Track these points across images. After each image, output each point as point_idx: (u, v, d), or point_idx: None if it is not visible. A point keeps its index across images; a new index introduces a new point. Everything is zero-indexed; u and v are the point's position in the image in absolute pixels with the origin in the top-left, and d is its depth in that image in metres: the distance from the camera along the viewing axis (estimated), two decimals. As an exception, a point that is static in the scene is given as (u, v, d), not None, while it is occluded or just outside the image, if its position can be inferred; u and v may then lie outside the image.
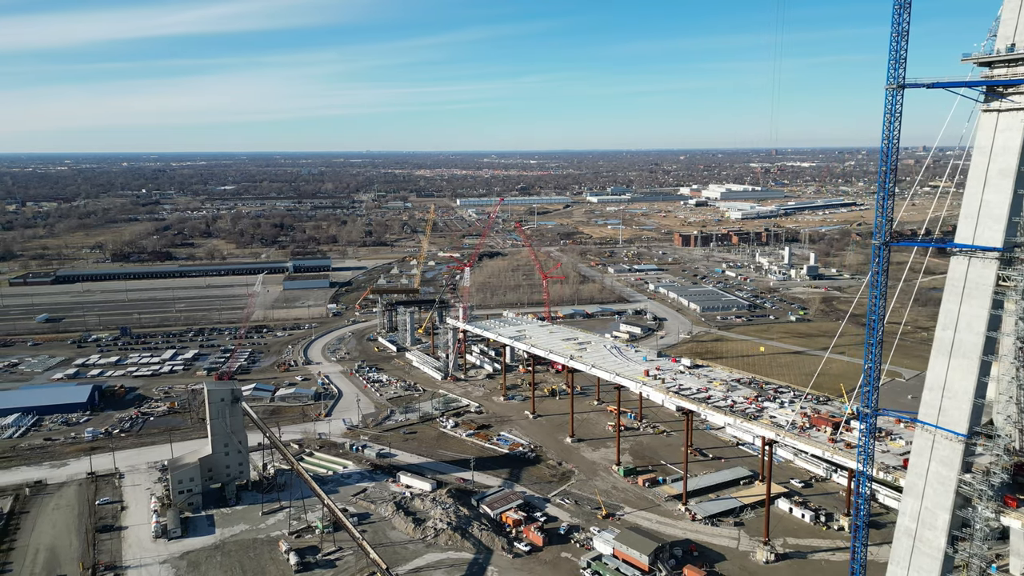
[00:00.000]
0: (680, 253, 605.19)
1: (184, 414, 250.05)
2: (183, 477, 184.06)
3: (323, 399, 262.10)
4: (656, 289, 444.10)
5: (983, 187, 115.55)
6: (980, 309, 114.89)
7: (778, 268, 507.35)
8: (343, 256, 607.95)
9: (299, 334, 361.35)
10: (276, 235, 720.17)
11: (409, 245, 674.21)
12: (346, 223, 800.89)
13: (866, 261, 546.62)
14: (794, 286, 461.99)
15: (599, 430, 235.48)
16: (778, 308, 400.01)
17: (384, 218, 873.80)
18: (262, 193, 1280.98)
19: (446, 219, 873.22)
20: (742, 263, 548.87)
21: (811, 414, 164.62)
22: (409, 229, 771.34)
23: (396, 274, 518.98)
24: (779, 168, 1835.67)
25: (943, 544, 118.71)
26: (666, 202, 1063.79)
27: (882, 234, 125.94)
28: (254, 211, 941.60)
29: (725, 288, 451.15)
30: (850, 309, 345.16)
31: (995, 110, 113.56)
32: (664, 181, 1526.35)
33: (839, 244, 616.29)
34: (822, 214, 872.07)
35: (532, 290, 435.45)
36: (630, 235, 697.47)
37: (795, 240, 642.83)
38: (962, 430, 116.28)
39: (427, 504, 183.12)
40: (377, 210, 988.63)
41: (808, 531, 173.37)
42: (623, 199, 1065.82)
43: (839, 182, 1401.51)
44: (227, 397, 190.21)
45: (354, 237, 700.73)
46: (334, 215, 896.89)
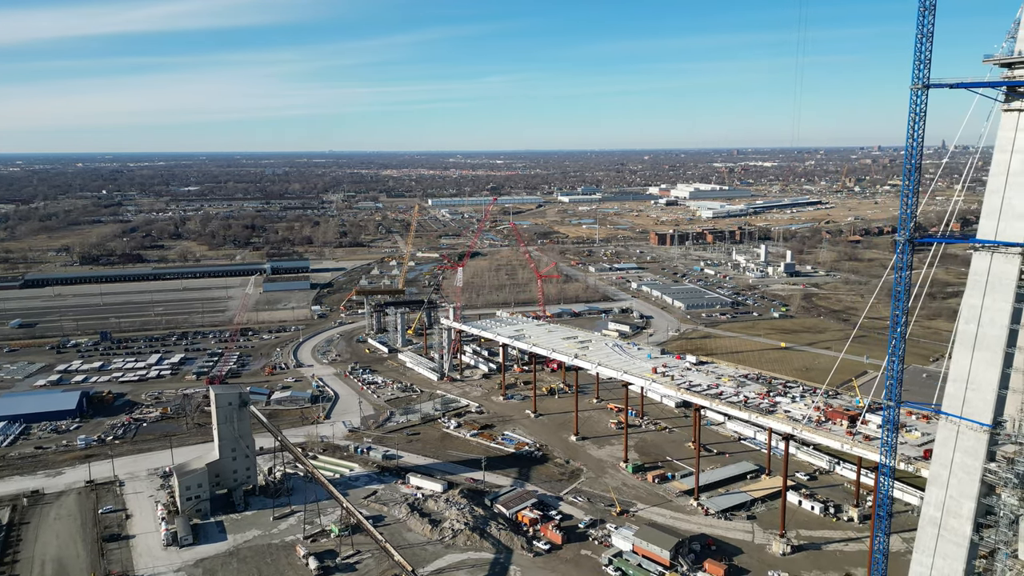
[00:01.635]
0: (657, 252, 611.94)
1: (179, 419, 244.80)
2: (191, 483, 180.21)
3: (320, 402, 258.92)
4: (639, 287, 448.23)
5: (1005, 185, 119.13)
6: (1004, 303, 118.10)
7: (755, 266, 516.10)
8: (320, 257, 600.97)
9: (286, 336, 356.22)
10: (248, 236, 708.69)
11: (386, 246, 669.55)
12: (319, 224, 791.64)
13: (839, 258, 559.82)
14: (772, 283, 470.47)
15: (602, 428, 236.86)
16: (760, 305, 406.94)
17: (357, 218, 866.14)
18: (228, 194, 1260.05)
19: (420, 219, 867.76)
20: (719, 261, 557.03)
21: (823, 408, 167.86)
22: (384, 230, 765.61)
23: (377, 275, 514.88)
24: (743, 168, 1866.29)
25: (968, 531, 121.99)
26: (636, 201, 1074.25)
27: (906, 231, 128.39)
28: (222, 212, 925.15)
29: (706, 286, 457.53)
30: (869, 306, 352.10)
31: (1016, 110, 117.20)
32: (632, 181, 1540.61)
33: (811, 242, 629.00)
34: (790, 212, 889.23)
35: (517, 290, 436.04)
36: (606, 234, 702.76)
37: (768, 238, 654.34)
38: (987, 420, 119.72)
39: (441, 505, 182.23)
40: (348, 210, 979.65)
41: (819, 523, 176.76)
42: (594, 199, 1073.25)
43: (802, 181, 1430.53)
44: (235, 401, 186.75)
45: (329, 238, 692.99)
46: (305, 216, 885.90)
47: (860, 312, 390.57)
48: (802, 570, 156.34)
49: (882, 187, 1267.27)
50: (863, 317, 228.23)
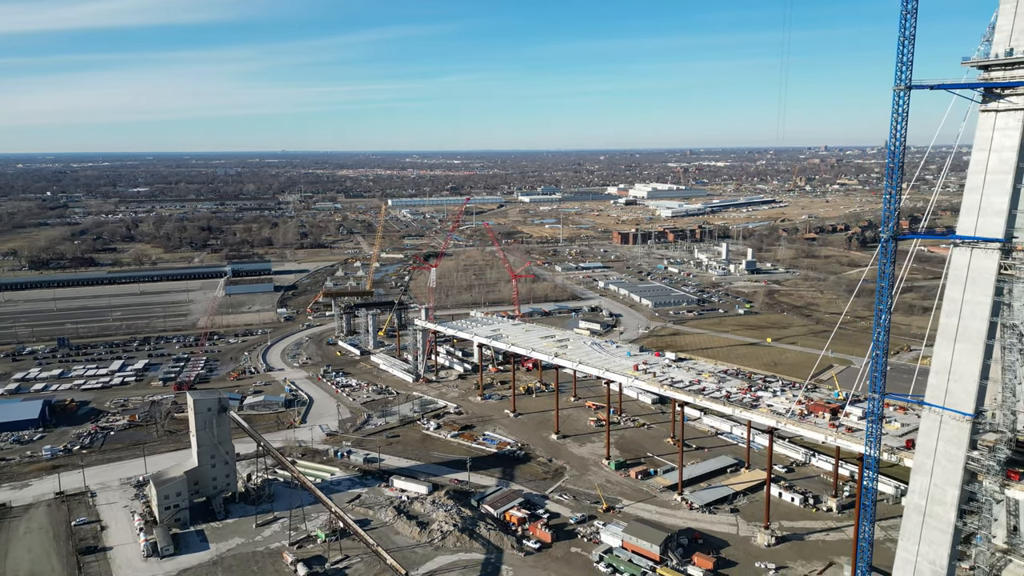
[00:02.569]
0: (621, 251, 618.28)
1: (148, 427, 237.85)
2: (169, 492, 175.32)
3: (294, 406, 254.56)
4: (606, 286, 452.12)
5: (983, 182, 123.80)
6: (983, 296, 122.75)
7: (717, 264, 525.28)
8: (282, 259, 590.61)
9: (253, 340, 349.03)
10: (205, 238, 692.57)
11: (348, 246, 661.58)
12: (277, 225, 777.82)
13: (796, 255, 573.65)
14: (735, 280, 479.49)
15: (581, 426, 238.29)
16: (725, 302, 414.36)
17: (317, 219, 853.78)
18: (180, 195, 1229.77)
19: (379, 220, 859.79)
20: (682, 259, 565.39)
21: (805, 401, 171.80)
22: (345, 230, 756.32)
23: (342, 276, 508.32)
24: (697, 168, 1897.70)
25: (953, 518, 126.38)
26: (596, 201, 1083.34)
27: (889, 228, 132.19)
28: (176, 214, 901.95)
29: (671, 284, 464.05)
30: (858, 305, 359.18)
31: (993, 110, 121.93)
32: (590, 181, 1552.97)
33: (768, 240, 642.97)
34: (746, 211, 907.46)
35: (486, 290, 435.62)
36: (569, 234, 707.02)
37: (727, 237, 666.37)
38: (968, 410, 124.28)
39: (427, 507, 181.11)
40: (306, 211, 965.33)
41: (800, 514, 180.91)
42: (554, 199, 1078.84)
43: (755, 181, 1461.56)
44: (214, 407, 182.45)
45: (289, 239, 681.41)
46: (263, 217, 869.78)
47: (821, 307, 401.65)
48: (787, 560, 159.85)
49: (831, 186, 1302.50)
50: (843, 316, 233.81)
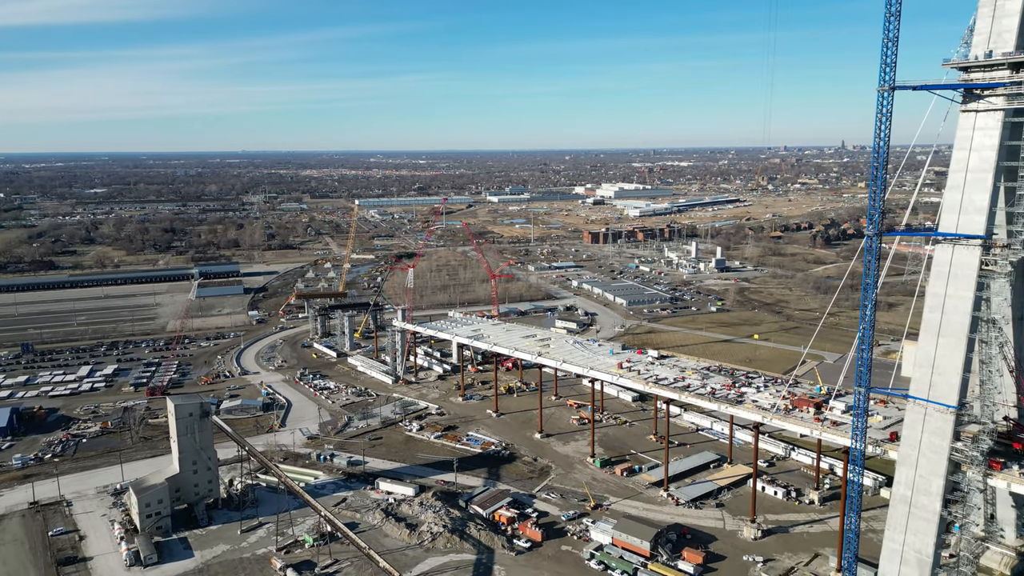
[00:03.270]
0: (592, 250, 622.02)
1: (121, 434, 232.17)
2: (151, 499, 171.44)
3: (272, 410, 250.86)
4: (580, 285, 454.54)
5: (964, 181, 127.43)
6: (966, 291, 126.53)
7: (687, 262, 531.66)
8: (250, 261, 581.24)
9: (225, 343, 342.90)
10: (169, 240, 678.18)
11: (317, 247, 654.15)
12: (243, 226, 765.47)
13: (764, 253, 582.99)
14: (705, 279, 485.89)
15: (564, 424, 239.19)
16: (697, 300, 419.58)
17: (283, 220, 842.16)
18: (139, 196, 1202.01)
19: (347, 220, 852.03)
20: (652, 258, 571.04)
21: (788, 396, 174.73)
22: (313, 231, 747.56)
23: (312, 278, 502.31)
24: (662, 167, 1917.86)
25: (938, 507, 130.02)
26: (564, 201, 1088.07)
27: (875, 225, 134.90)
28: (136, 215, 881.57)
29: (643, 282, 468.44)
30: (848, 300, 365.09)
31: (973, 110, 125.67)
32: (556, 181, 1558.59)
33: (735, 238, 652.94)
34: (712, 210, 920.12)
35: (461, 290, 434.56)
36: (540, 234, 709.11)
37: (695, 235, 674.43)
38: (952, 402, 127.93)
39: (416, 509, 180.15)
40: (272, 212, 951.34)
41: (783, 507, 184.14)
42: (523, 199, 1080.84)
43: (719, 180, 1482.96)
44: (196, 412, 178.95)
45: (256, 240, 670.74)
46: (227, 218, 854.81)
47: (791, 304, 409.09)
48: (774, 553, 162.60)
49: (793, 185, 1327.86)
50: (826, 314, 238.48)
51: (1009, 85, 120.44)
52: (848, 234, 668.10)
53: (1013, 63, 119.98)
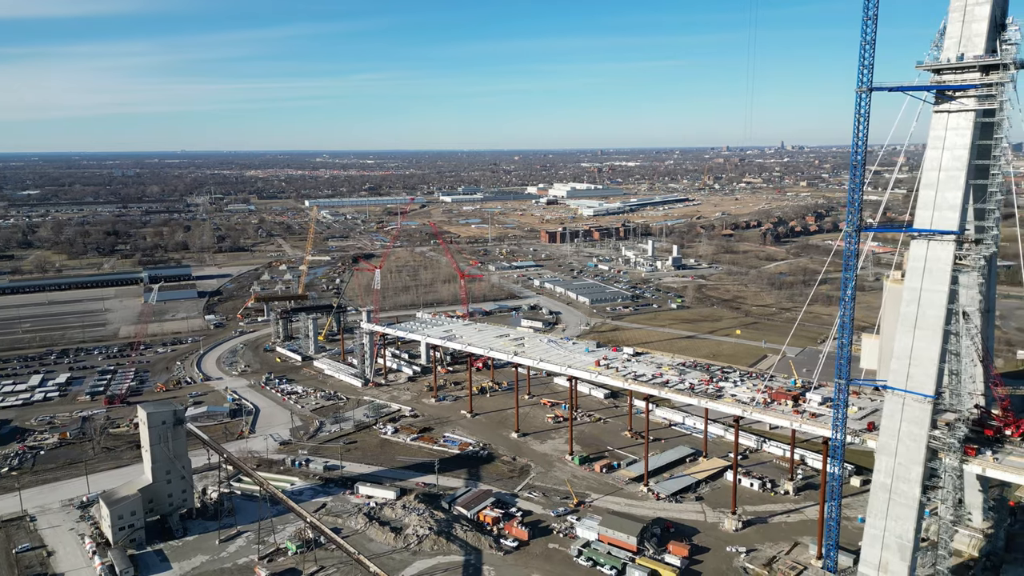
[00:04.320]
0: (550, 249, 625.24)
1: (81, 444, 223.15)
2: (123, 511, 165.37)
3: (240, 416, 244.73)
4: (542, 284, 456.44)
5: (937, 179, 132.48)
6: (941, 285, 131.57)
7: (644, 260, 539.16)
8: (201, 263, 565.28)
9: (184, 349, 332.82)
10: (113, 243, 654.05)
11: (270, 249, 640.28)
12: (190, 228, 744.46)
13: (717, 251, 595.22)
14: (664, 276, 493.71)
15: (539, 423, 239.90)
16: (657, 297, 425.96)
17: (232, 222, 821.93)
18: (76, 198, 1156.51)
19: (302, 221, 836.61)
20: (610, 257, 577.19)
21: (764, 390, 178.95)
22: (264, 233, 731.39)
23: (268, 280, 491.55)
24: (611, 167, 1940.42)
25: (917, 494, 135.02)
26: (518, 201, 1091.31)
27: (854, 221, 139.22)
28: (75, 218, 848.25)
29: (604, 281, 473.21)
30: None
31: (945, 111, 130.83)
32: (508, 181, 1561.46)
33: (688, 236, 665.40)
34: (663, 209, 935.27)
35: (423, 290, 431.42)
36: (497, 233, 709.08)
37: (649, 234, 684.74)
38: (929, 392, 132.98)
39: (399, 512, 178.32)
40: (219, 214, 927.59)
41: (759, 498, 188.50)
42: (476, 199, 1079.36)
43: (667, 180, 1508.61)
44: (169, 419, 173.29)
45: (206, 243, 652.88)
46: (173, 220, 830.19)
47: (748, 300, 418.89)
48: (755, 543, 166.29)
49: (738, 184, 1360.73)
50: (803, 311, 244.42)
51: (980, 87, 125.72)
52: (796, 232, 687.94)
53: (983, 66, 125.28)
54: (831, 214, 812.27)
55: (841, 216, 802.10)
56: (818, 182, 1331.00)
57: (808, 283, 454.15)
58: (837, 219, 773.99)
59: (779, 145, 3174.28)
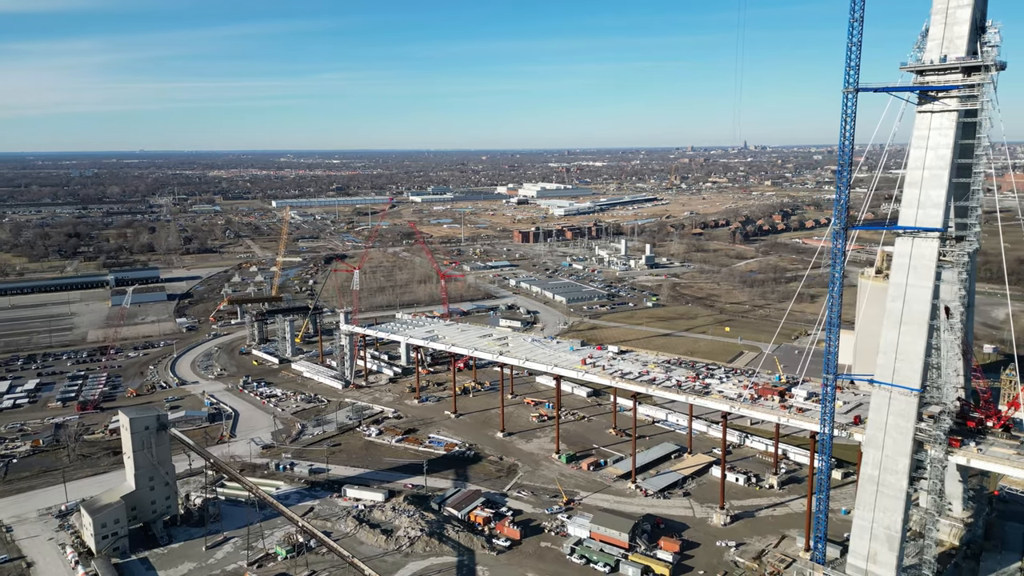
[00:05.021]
0: (524, 249, 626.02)
1: (56, 452, 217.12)
2: (107, 519, 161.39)
3: (219, 420, 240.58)
4: (518, 284, 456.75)
5: (922, 177, 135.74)
6: (926, 281, 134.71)
7: (618, 259, 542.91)
8: (168, 266, 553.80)
9: (156, 353, 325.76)
10: (75, 246, 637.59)
11: (239, 251, 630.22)
12: (155, 230, 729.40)
13: (688, 250, 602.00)
14: (637, 275, 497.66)
15: (524, 422, 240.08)
16: (633, 296, 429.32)
17: (198, 223, 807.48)
18: (33, 199, 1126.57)
19: (269, 222, 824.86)
20: (584, 256, 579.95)
21: (750, 386, 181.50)
22: (232, 234, 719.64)
23: (239, 282, 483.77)
24: (579, 167, 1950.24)
25: (904, 485, 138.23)
26: (488, 200, 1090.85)
27: (840, 220, 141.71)
28: (34, 219, 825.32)
29: (579, 280, 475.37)
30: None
31: (928, 111, 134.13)
32: (477, 180, 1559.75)
33: (659, 236, 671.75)
34: (632, 209, 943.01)
35: (399, 291, 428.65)
36: (469, 233, 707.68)
37: (620, 233, 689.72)
38: (915, 385, 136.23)
39: (389, 514, 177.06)
40: (184, 215, 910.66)
41: (745, 492, 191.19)
42: (446, 198, 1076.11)
43: (634, 180, 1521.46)
44: (152, 425, 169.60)
45: (173, 244, 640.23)
46: (137, 221, 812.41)
47: (721, 298, 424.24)
48: (744, 537, 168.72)
49: (705, 184, 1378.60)
50: (788, 309, 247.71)
51: (962, 88, 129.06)
52: (764, 230, 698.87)
53: (965, 67, 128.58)
54: (797, 213, 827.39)
55: (807, 215, 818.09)
56: (782, 181, 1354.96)
57: (779, 280, 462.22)
58: (803, 218, 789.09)
59: (742, 145, 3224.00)
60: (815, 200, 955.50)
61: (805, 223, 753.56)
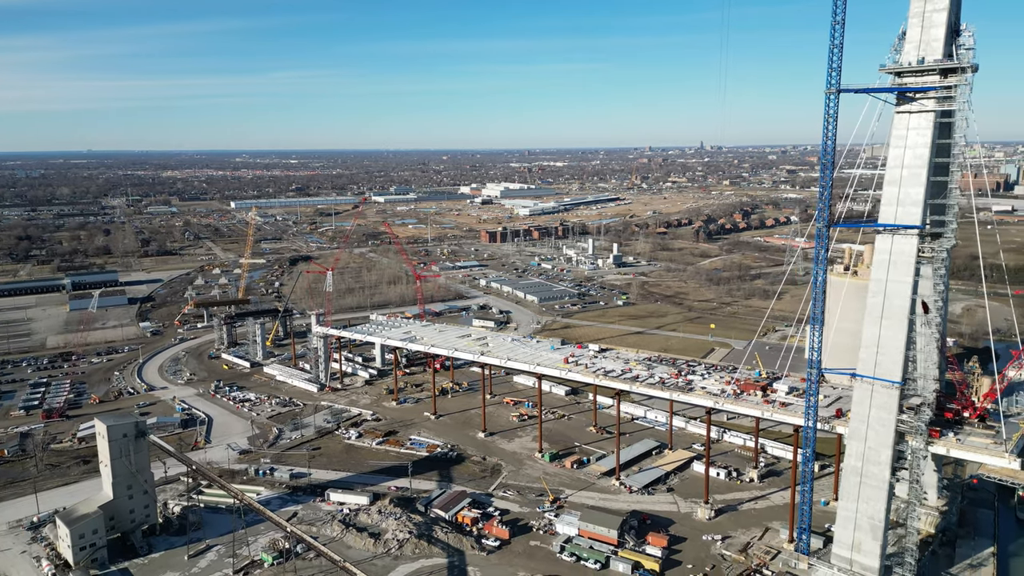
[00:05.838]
0: (491, 249, 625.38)
1: (22, 462, 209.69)
2: (85, 530, 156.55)
3: (192, 426, 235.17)
4: (489, 284, 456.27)
5: (900, 176, 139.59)
6: (905, 276, 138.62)
7: (586, 259, 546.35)
8: (127, 269, 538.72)
9: (120, 358, 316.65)
10: (27, 249, 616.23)
11: (200, 253, 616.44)
12: (110, 232, 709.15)
13: (653, 249, 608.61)
14: (606, 274, 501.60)
15: (504, 422, 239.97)
16: (603, 295, 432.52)
17: (155, 225, 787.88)
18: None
19: (229, 223, 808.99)
20: (552, 256, 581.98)
21: (733, 381, 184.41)
22: (192, 236, 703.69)
23: (203, 284, 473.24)
24: (540, 167, 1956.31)
25: (887, 476, 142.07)
26: (452, 201, 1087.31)
27: (824, 218, 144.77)
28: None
29: (548, 279, 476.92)
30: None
31: (907, 111, 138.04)
32: (439, 181, 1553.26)
33: (624, 235, 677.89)
34: (596, 208, 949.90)
35: (369, 292, 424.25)
36: (435, 234, 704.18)
37: (586, 233, 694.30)
38: (896, 378, 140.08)
39: (375, 517, 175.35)
40: (139, 216, 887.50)
41: (726, 487, 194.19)
42: (410, 199, 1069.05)
43: (596, 180, 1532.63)
44: (130, 432, 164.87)
45: (130, 247, 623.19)
46: (90, 223, 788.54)
47: (690, 296, 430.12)
48: (728, 531, 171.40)
49: (665, 184, 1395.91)
50: (770, 310, 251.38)
51: (939, 89, 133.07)
52: (726, 229, 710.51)
53: (942, 69, 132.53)
54: (756, 212, 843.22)
55: (767, 214, 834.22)
56: (740, 181, 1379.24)
57: (743, 278, 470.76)
58: (763, 216, 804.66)
59: (699, 145, 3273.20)
60: (773, 199, 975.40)
61: (765, 221, 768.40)
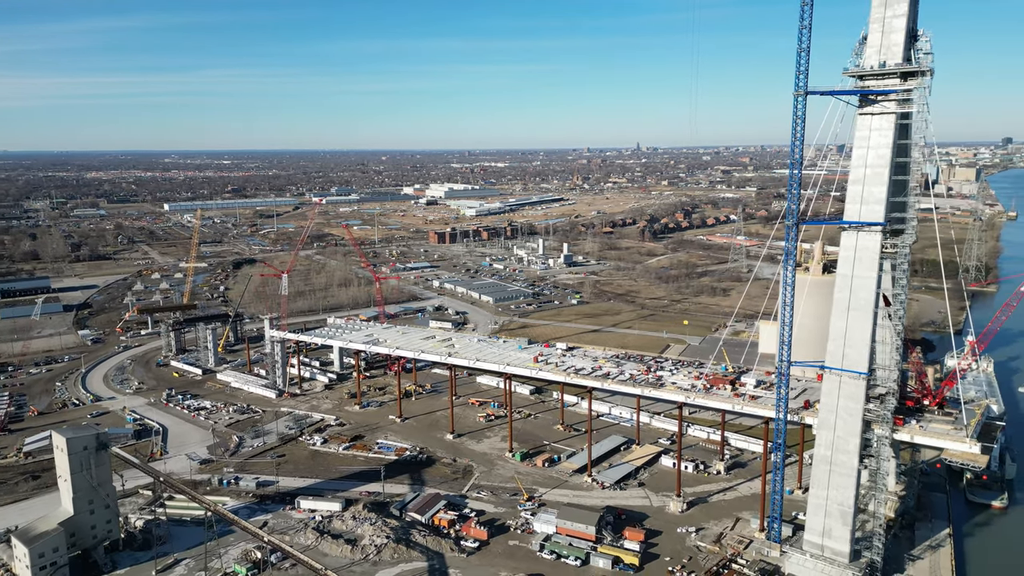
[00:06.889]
0: (441, 250, 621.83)
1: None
2: (45, 549, 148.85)
3: (146, 437, 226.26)
4: (443, 285, 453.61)
5: (864, 176, 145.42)
6: (870, 271, 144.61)
7: (537, 259, 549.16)
8: (58, 274, 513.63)
9: (61, 368, 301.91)
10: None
11: (136, 257, 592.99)
12: (36, 236, 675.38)
13: (601, 248, 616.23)
14: (558, 274, 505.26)
15: (471, 423, 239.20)
16: (556, 294, 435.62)
17: (84, 228, 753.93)
18: None
19: (164, 226, 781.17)
20: (502, 256, 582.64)
21: (701, 376, 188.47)
22: (126, 240, 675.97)
23: (142, 290, 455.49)
24: (482, 168, 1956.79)
25: (855, 463, 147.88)
26: (396, 201, 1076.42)
27: (793, 216, 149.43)
28: None
29: (501, 279, 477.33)
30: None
31: (869, 113, 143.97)
32: (381, 181, 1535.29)
33: (571, 235, 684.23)
34: (541, 209, 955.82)
35: (321, 295, 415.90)
36: (382, 235, 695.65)
37: (534, 233, 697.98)
38: (863, 369, 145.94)
39: (349, 523, 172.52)
40: (65, 220, 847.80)
41: (695, 479, 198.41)
42: (352, 200, 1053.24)
43: (538, 180, 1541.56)
44: (91, 445, 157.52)
45: (60, 252, 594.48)
46: (13, 227, 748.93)
47: (641, 294, 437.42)
48: (701, 523, 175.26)
49: (606, 184, 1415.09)
50: (737, 306, 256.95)
51: (900, 92, 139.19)
52: (670, 228, 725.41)
53: (903, 72, 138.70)
54: (697, 211, 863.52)
55: (707, 213, 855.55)
56: (678, 181, 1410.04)
57: (691, 276, 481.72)
58: (704, 215, 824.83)
59: (635, 147, 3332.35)
60: (711, 199, 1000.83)
61: (706, 220, 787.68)
